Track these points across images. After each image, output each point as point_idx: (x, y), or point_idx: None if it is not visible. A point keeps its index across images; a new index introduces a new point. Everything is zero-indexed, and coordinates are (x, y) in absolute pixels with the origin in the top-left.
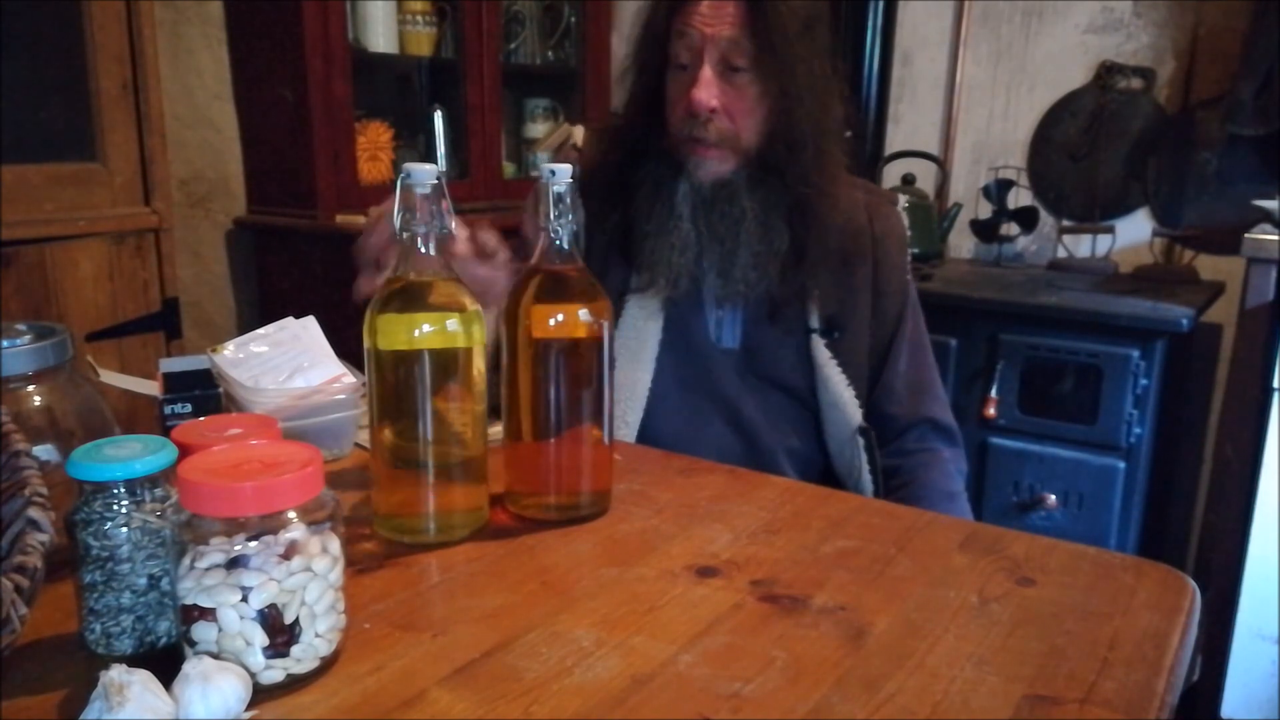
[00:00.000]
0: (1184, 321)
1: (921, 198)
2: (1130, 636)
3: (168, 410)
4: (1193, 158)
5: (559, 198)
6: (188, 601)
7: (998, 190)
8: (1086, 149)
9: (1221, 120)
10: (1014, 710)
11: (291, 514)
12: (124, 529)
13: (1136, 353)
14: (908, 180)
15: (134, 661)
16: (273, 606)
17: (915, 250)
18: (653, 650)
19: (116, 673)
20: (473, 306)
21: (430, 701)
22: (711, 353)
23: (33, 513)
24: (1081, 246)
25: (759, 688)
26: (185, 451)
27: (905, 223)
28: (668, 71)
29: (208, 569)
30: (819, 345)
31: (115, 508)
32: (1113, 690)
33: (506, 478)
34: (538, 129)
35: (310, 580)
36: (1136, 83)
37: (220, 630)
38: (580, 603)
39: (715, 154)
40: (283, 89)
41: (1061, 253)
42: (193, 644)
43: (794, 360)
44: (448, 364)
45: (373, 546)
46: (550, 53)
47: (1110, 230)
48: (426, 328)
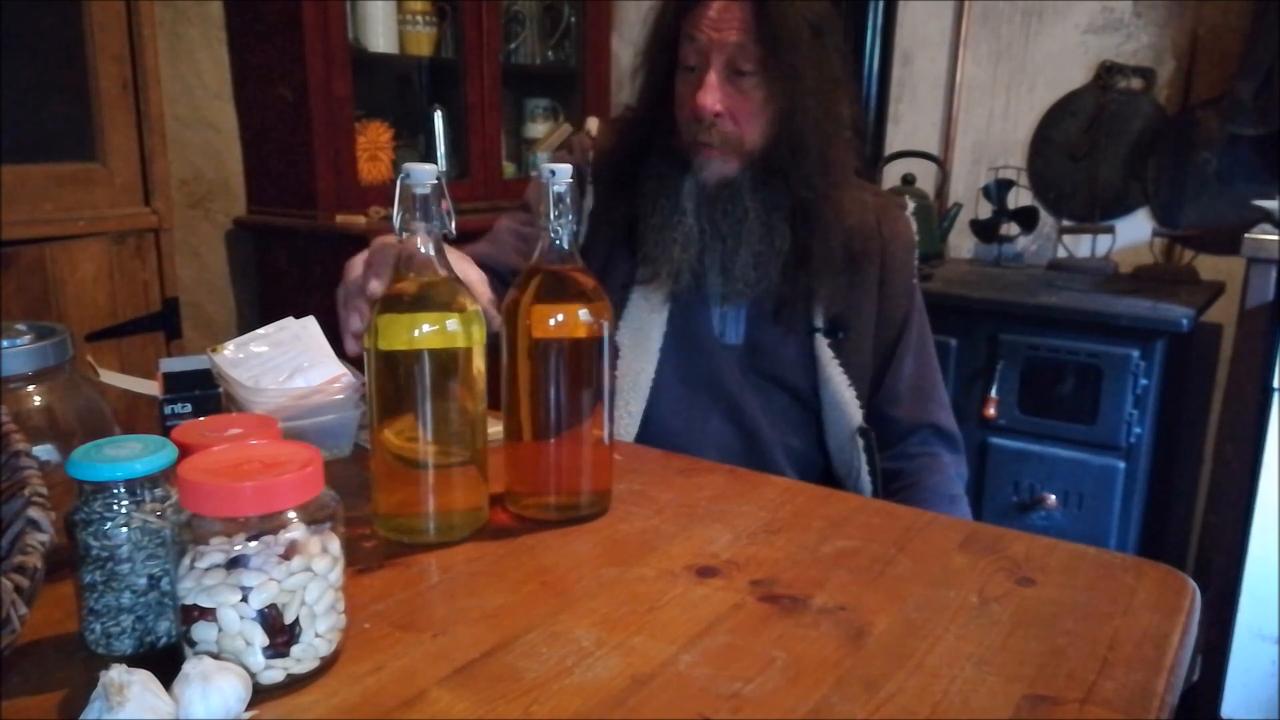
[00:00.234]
0: (1184, 321)
1: (921, 198)
2: (1130, 636)
3: (168, 410)
4: (1193, 158)
5: (559, 198)
6: (188, 601)
7: (998, 190)
8: (1086, 149)
9: (1221, 120)
10: (1014, 710)
11: (291, 514)
12: (124, 529)
13: (1136, 353)
14: (908, 180)
15: (134, 661)
16: (273, 606)
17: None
18: (653, 650)
19: (116, 673)
20: (472, 307)
21: (430, 701)
22: (715, 348)
23: (33, 513)
24: (1081, 246)
25: (759, 688)
26: (185, 451)
27: (914, 227)
28: (677, 71)
29: (208, 569)
30: (822, 344)
31: (115, 508)
32: (1113, 690)
33: (506, 478)
34: (538, 129)
35: (310, 580)
36: (1136, 83)
37: (220, 630)
38: (580, 603)
39: (719, 155)
40: (283, 89)
41: (1061, 253)
42: (193, 644)
43: (797, 359)
44: (448, 364)
45: (373, 546)
46: (550, 53)
47: (1110, 230)
48: (426, 328)
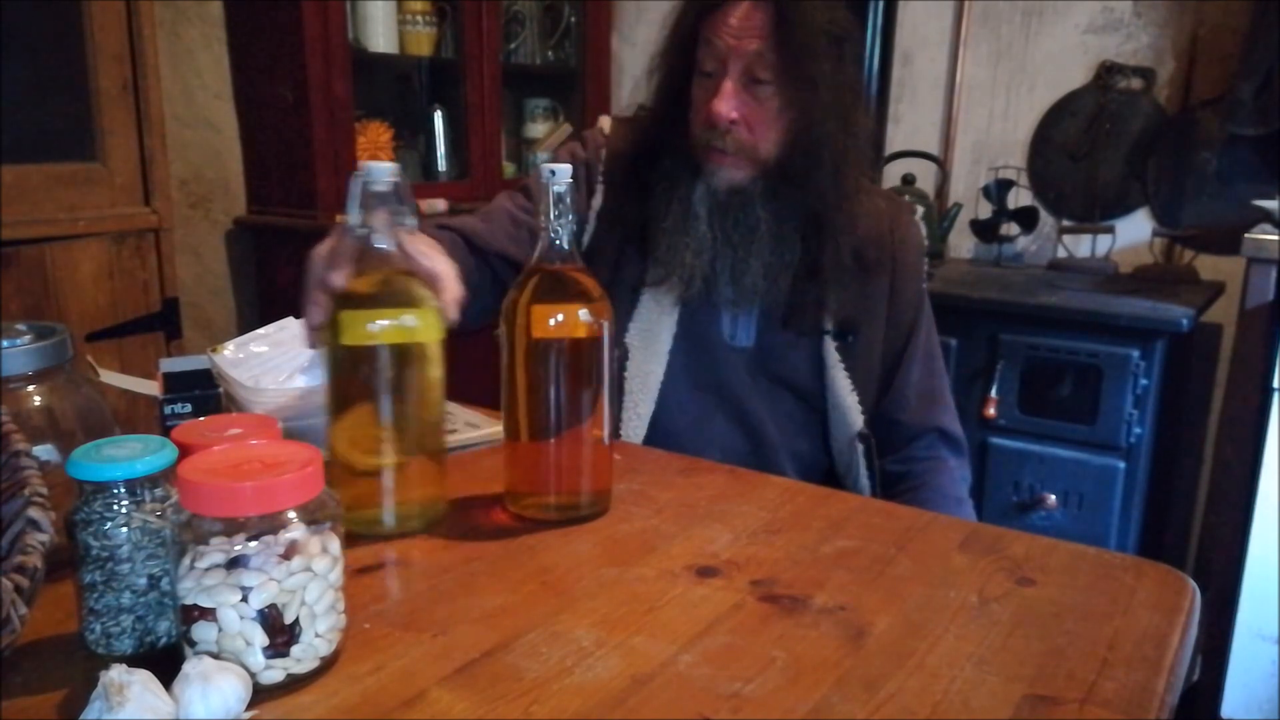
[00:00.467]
0: (1184, 321)
1: (921, 198)
2: (1130, 636)
3: (168, 410)
4: (1193, 158)
5: (559, 198)
6: (188, 601)
7: (998, 190)
8: (1086, 149)
9: (1221, 120)
10: (1014, 710)
11: (291, 514)
12: (124, 529)
13: (1136, 353)
14: (908, 180)
15: (134, 661)
16: (273, 606)
17: None
18: (653, 650)
19: (116, 673)
20: (431, 303)
21: (430, 701)
22: (724, 350)
23: (33, 513)
24: (1081, 246)
25: (759, 688)
26: (185, 451)
27: (924, 232)
28: (693, 75)
29: (208, 569)
30: (830, 347)
31: (115, 508)
32: (1113, 690)
33: (506, 478)
34: (538, 129)
35: (310, 580)
36: (1136, 83)
37: (220, 630)
38: (580, 603)
39: (731, 162)
40: (283, 89)
41: (1061, 253)
42: (193, 644)
43: (806, 361)
44: (404, 359)
45: (373, 546)
46: (550, 53)
47: (1110, 230)
48: (384, 323)
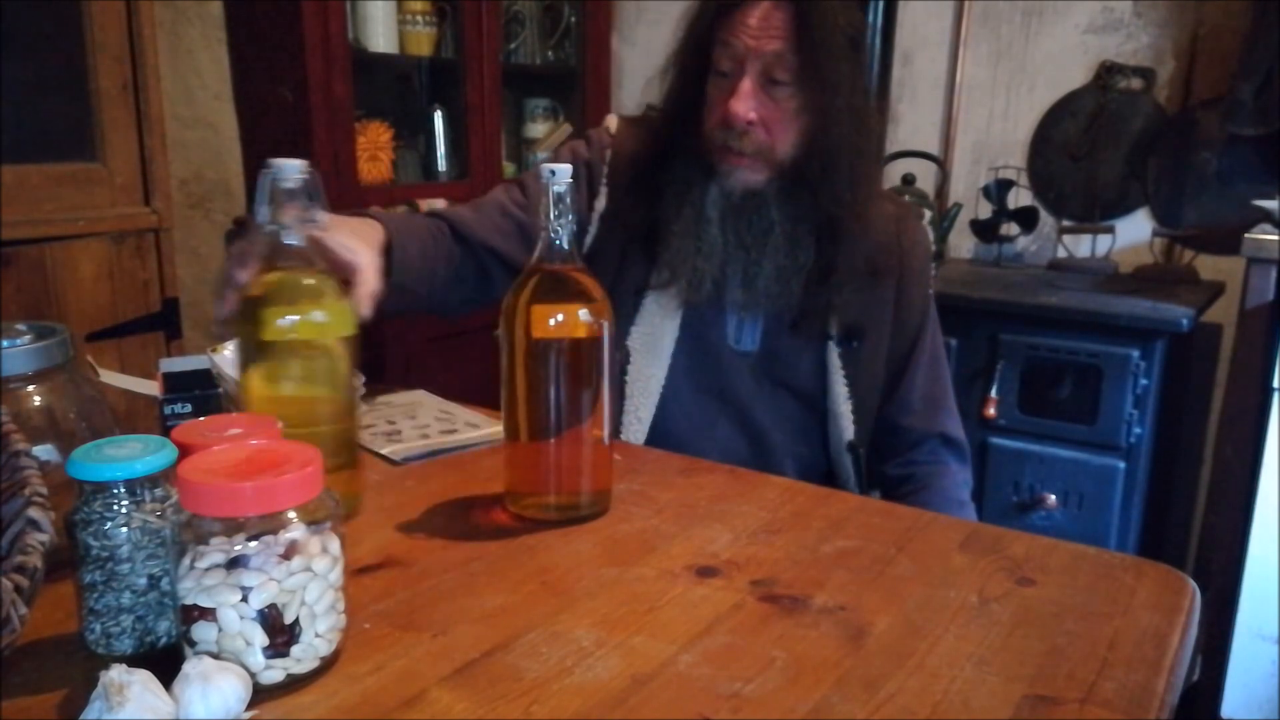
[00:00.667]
0: (1184, 321)
1: (921, 198)
2: (1130, 636)
3: (168, 410)
4: (1193, 158)
5: (559, 198)
6: (188, 601)
7: (998, 190)
8: (1086, 149)
9: (1221, 120)
10: (1014, 710)
11: (291, 514)
12: (124, 529)
13: (1136, 353)
14: (908, 180)
15: (134, 661)
16: (273, 606)
17: None
18: (653, 650)
19: (116, 673)
20: (341, 300)
21: (430, 701)
22: (727, 355)
23: (33, 513)
24: (1081, 246)
25: (759, 688)
26: (185, 451)
27: (931, 237)
28: (709, 76)
29: (208, 569)
30: (833, 353)
31: (115, 508)
32: (1113, 690)
33: (506, 478)
34: (538, 129)
35: (310, 580)
36: (1136, 83)
37: (220, 630)
38: (580, 603)
39: (747, 163)
40: (283, 89)
41: (1061, 253)
42: (193, 644)
43: (810, 366)
44: (314, 355)
45: (373, 546)
46: (550, 53)
47: (1110, 230)
48: (292, 319)
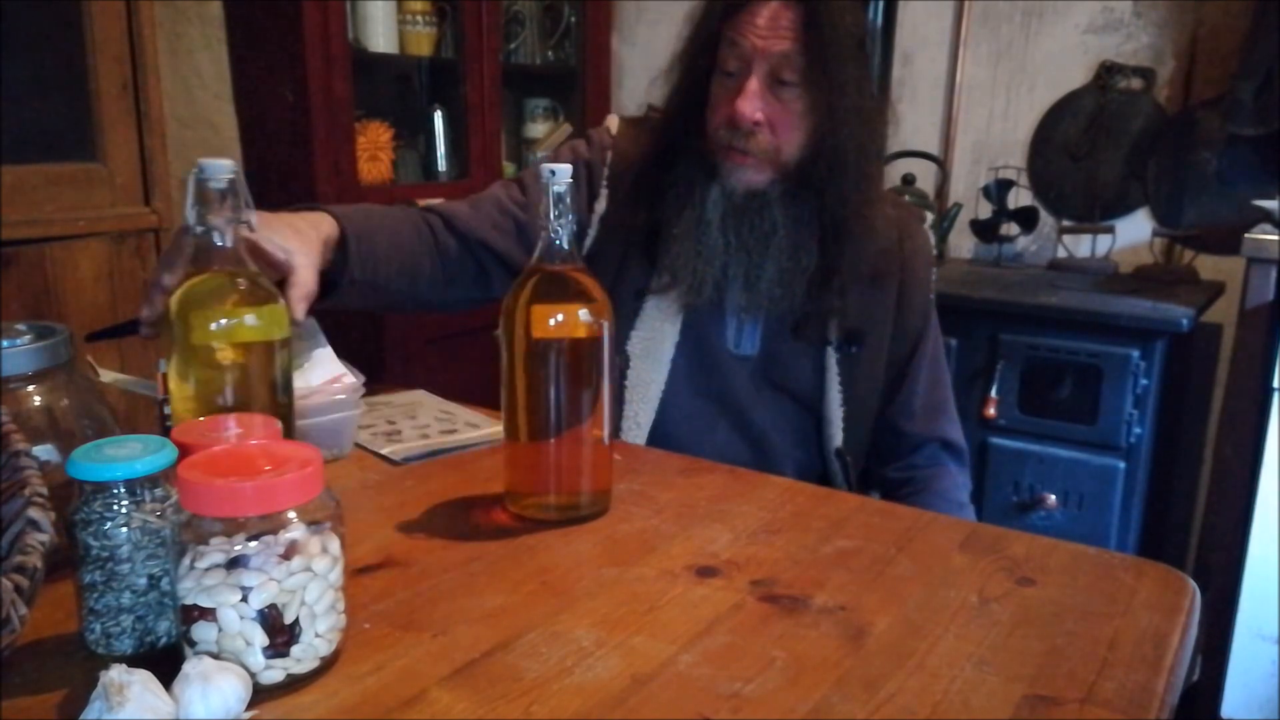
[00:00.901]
0: (1184, 321)
1: (921, 198)
2: (1130, 636)
3: (168, 410)
4: (1193, 158)
5: (559, 198)
6: (188, 601)
7: (998, 190)
8: (1086, 149)
9: (1221, 120)
10: (1014, 710)
11: (291, 514)
12: (124, 529)
13: (1136, 353)
14: (908, 180)
15: (134, 661)
16: (273, 606)
17: None
18: (653, 650)
19: (116, 673)
20: (273, 302)
21: (430, 701)
22: (727, 358)
23: (33, 513)
24: (1081, 246)
25: (759, 688)
26: (185, 451)
27: (932, 241)
28: (714, 75)
29: (208, 569)
30: (831, 358)
31: (115, 508)
32: (1113, 690)
33: (506, 478)
34: (538, 129)
35: (310, 580)
36: (1136, 83)
37: (220, 630)
38: (580, 603)
39: (752, 163)
40: (283, 89)
41: (1061, 253)
42: (193, 644)
43: (809, 371)
44: (246, 358)
45: (373, 546)
46: (550, 53)
47: (1110, 230)
48: (225, 321)
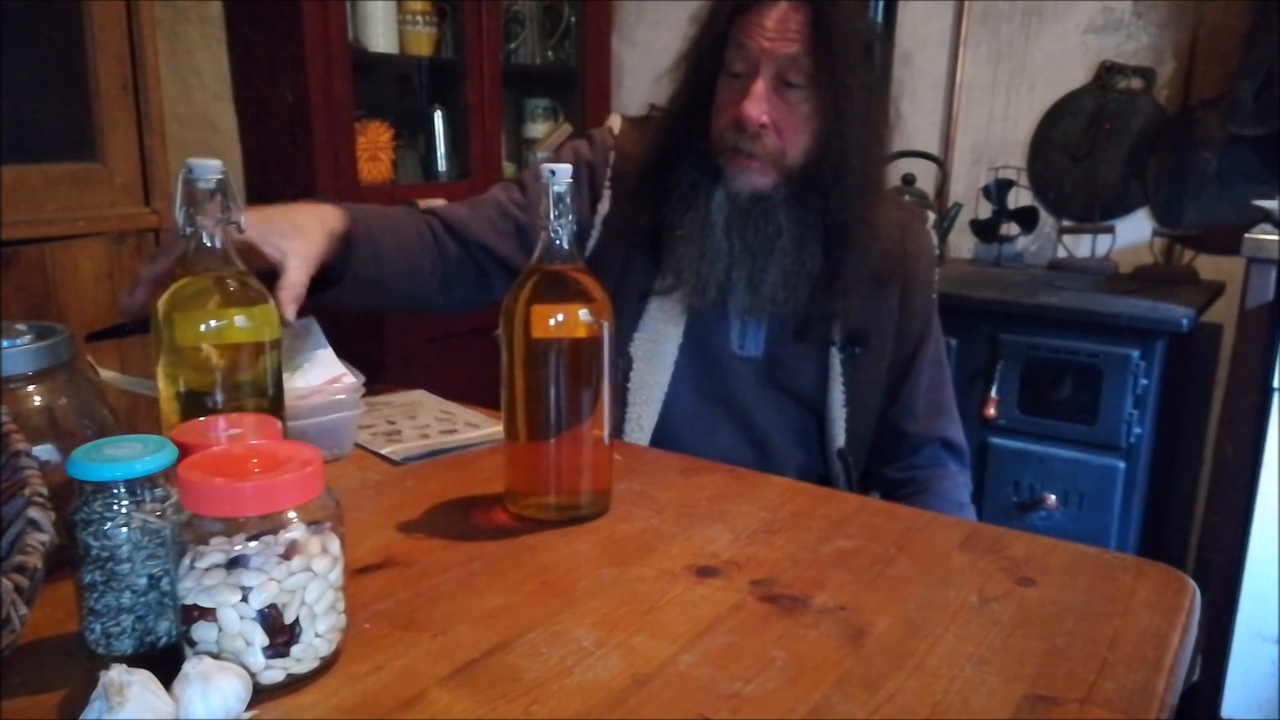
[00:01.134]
0: (1184, 321)
1: (921, 198)
2: (1130, 636)
3: None
4: (1193, 158)
5: (559, 198)
6: (188, 601)
7: (998, 190)
8: (1086, 149)
9: (1221, 120)
10: (1014, 710)
11: (291, 514)
12: (124, 529)
13: (1136, 353)
14: (908, 180)
15: (134, 661)
16: (273, 606)
17: None
18: (653, 650)
19: (116, 673)
20: (263, 302)
21: (430, 701)
22: (731, 360)
23: (33, 513)
24: (1081, 246)
25: (759, 688)
26: (185, 451)
27: (935, 241)
28: (719, 76)
29: (208, 569)
30: (835, 359)
31: (115, 508)
32: (1113, 690)
33: (506, 478)
34: (538, 129)
35: (310, 580)
36: (1136, 83)
37: (220, 630)
38: (580, 603)
39: (757, 165)
40: (283, 89)
41: (1061, 253)
42: (193, 644)
43: (812, 372)
44: (235, 359)
45: (373, 546)
46: (550, 53)
47: (1110, 230)
48: (214, 323)
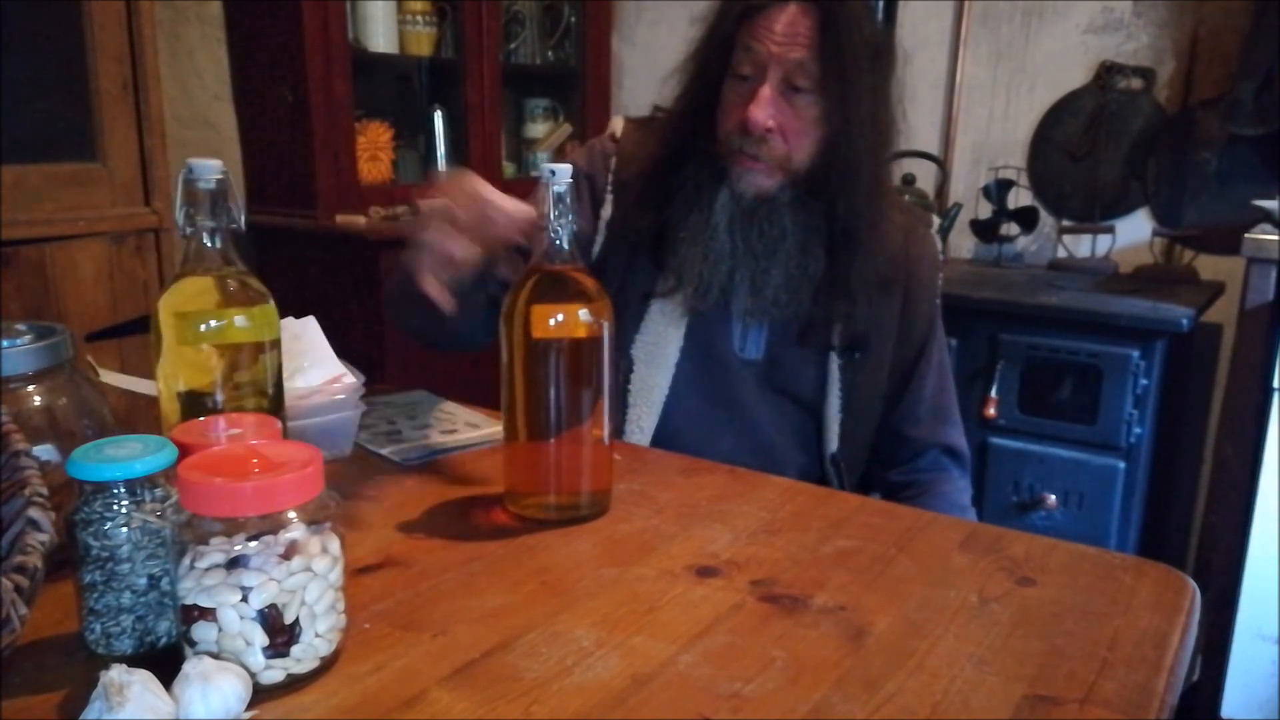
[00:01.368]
0: (1184, 321)
1: (921, 198)
2: (1130, 636)
3: None
4: (1193, 158)
5: (559, 198)
6: (188, 601)
7: (998, 190)
8: (1086, 149)
9: (1221, 120)
10: (1014, 710)
11: (291, 514)
12: (124, 529)
13: (1136, 353)
14: (908, 180)
15: (134, 661)
16: (273, 606)
17: None
18: (653, 650)
19: (116, 673)
20: (264, 302)
21: (430, 701)
22: (732, 363)
23: (33, 513)
24: (1081, 246)
25: (759, 688)
26: (185, 451)
27: (939, 246)
28: (725, 78)
29: (208, 569)
30: (834, 363)
31: (115, 508)
32: (1113, 690)
33: (506, 478)
34: (538, 129)
35: (310, 580)
36: (1136, 83)
37: (220, 630)
38: (580, 603)
39: (762, 167)
40: (283, 89)
41: (1061, 253)
42: (193, 644)
43: (813, 375)
44: (237, 360)
45: (373, 546)
46: (550, 53)
47: (1110, 230)
48: (215, 323)
